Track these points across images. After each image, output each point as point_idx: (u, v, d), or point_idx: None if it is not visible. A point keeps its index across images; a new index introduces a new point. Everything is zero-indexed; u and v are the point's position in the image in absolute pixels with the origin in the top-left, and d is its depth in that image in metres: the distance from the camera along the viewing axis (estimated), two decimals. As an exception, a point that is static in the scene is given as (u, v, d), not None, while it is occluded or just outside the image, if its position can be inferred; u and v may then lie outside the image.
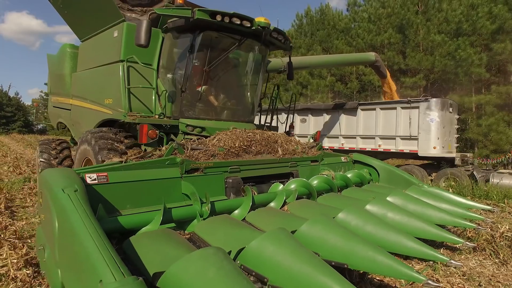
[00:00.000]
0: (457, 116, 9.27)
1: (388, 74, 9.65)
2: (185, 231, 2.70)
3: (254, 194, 3.32)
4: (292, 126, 5.76)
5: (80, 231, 1.77)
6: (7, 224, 4.46)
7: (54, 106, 7.14)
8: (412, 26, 14.07)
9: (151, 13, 3.87)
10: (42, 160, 6.18)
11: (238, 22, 3.80)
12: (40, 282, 2.89)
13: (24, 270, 3.05)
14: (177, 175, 3.02)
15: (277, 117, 5.77)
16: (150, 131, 3.62)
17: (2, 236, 4.02)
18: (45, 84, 62.94)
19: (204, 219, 2.79)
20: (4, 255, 3.40)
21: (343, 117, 9.70)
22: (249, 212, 3.07)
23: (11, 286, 2.80)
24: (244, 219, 2.99)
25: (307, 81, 16.53)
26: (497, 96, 12.12)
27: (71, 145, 6.93)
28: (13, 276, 2.94)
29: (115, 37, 4.63)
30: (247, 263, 2.11)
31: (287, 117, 5.75)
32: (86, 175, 2.52)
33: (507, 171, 7.81)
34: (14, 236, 3.93)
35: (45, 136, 42.98)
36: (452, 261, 2.45)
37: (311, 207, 3.30)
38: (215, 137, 3.57)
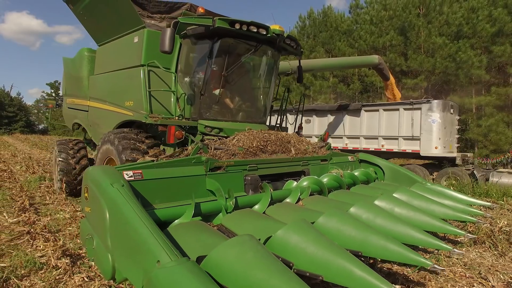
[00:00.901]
0: (457, 117, 9.54)
1: (393, 80, 9.90)
2: (213, 223, 2.97)
3: (271, 190, 3.59)
4: (300, 127, 6.02)
5: (134, 220, 2.04)
6: (34, 219, 4.75)
7: (69, 108, 7.40)
8: (414, 28, 14.34)
9: (174, 21, 4.13)
10: (61, 159, 6.44)
11: (255, 30, 4.07)
12: (79, 270, 3.17)
13: (63, 259, 3.33)
14: (202, 172, 3.28)
15: (286, 118, 6.03)
16: (177, 132, 3.88)
17: (32, 230, 4.31)
18: (47, 84, 62.90)
19: (228, 213, 3.06)
20: (42, 247, 3.69)
21: (347, 118, 9.97)
22: (268, 206, 3.34)
23: (54, 273, 3.08)
24: (264, 212, 3.26)
25: (310, 82, 16.80)
26: (496, 98, 12.39)
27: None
28: (54, 264, 3.22)
29: (135, 42, 4.89)
30: (274, 250, 2.38)
31: (296, 118, 6.01)
32: (124, 172, 2.78)
33: (506, 170, 8.08)
34: (46, 230, 4.21)
35: (48, 136, 43.24)
36: (455, 249, 2.71)
37: (324, 202, 3.57)
38: (234, 138, 3.84)
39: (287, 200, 3.65)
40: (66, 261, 3.31)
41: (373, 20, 16.13)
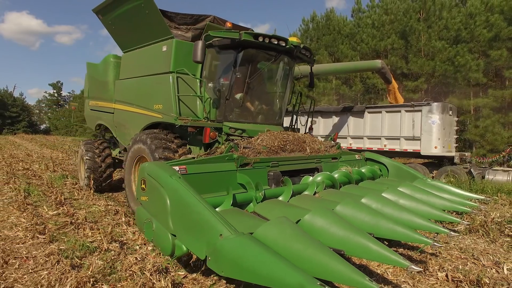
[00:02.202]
0: (456, 119, 10.06)
1: (395, 85, 10.40)
2: (248, 210, 3.48)
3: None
4: (311, 128, 6.54)
5: (196, 204, 2.55)
6: (73, 212, 5.26)
7: (92, 109, 7.89)
8: (414, 32, 14.86)
9: (206, 35, 4.64)
10: (88, 158, 6.95)
11: (276, 42, 4.59)
12: (130, 252, 3.68)
13: (113, 243, 3.85)
14: (233, 168, 3.79)
15: (298, 120, 6.54)
16: (211, 133, 4.39)
17: (73, 221, 4.82)
18: (50, 85, 63.38)
19: (258, 203, 3.57)
20: (90, 234, 4.21)
21: (351, 119, 10.48)
22: (290, 197, 3.85)
23: (108, 254, 3.59)
24: (288, 202, 3.77)
25: (306, 80, 17.24)
26: (493, 100, 12.96)
27: None
28: (105, 248, 3.74)
29: (164, 51, 5.38)
30: (303, 230, 2.89)
31: (307, 120, 6.53)
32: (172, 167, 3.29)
33: (501, 168, 8.60)
34: (88, 221, 4.73)
35: (52, 136, 43.67)
36: (451, 232, 3.22)
37: (338, 194, 4.08)
38: (258, 138, 4.35)
39: (306, 192, 4.16)
40: (116, 245, 3.83)
41: (375, 24, 16.64)
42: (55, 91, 63.34)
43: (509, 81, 13.34)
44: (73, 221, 4.82)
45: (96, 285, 2.93)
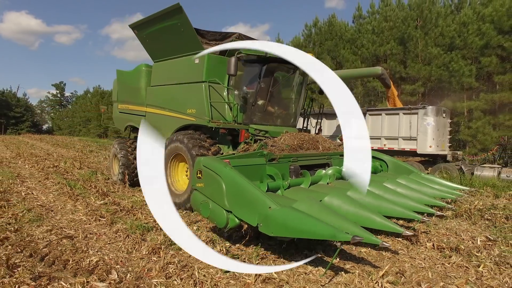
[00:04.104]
0: (449, 121, 11.01)
1: (395, 91, 11.33)
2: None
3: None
4: (320, 130, 7.45)
5: (249, 186, 3.44)
6: (118, 202, 6.13)
7: (121, 112, 8.77)
8: (412, 39, 15.86)
9: (238, 52, 5.53)
10: (122, 155, 7.85)
11: None
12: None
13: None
14: (263, 162, 4.68)
15: (308, 121, 7.45)
16: (246, 134, 5.30)
17: (121, 209, 5.70)
18: (52, 85, 63.97)
19: (285, 190, 4.47)
20: (143, 217, 5.10)
21: (353, 121, 11.39)
22: (309, 186, 4.75)
23: (163, 232, 4.47)
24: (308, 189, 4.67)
25: (316, 87, 18.13)
26: (484, 103, 13.97)
27: None
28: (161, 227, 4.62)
29: (196, 63, 6.26)
30: (324, 208, 3.80)
31: (317, 122, 7.44)
32: (218, 161, 4.18)
33: (488, 165, 9.56)
34: (138, 207, 5.62)
35: (59, 136, 44.46)
36: (437, 212, 4.15)
37: (347, 184, 4.99)
38: (281, 138, 5.27)
39: (321, 182, 5.07)
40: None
41: (375, 30, 17.62)
42: (58, 91, 64.19)
43: (499, 86, 14.33)
44: (121, 208, 5.70)
45: (165, 251, 3.83)
